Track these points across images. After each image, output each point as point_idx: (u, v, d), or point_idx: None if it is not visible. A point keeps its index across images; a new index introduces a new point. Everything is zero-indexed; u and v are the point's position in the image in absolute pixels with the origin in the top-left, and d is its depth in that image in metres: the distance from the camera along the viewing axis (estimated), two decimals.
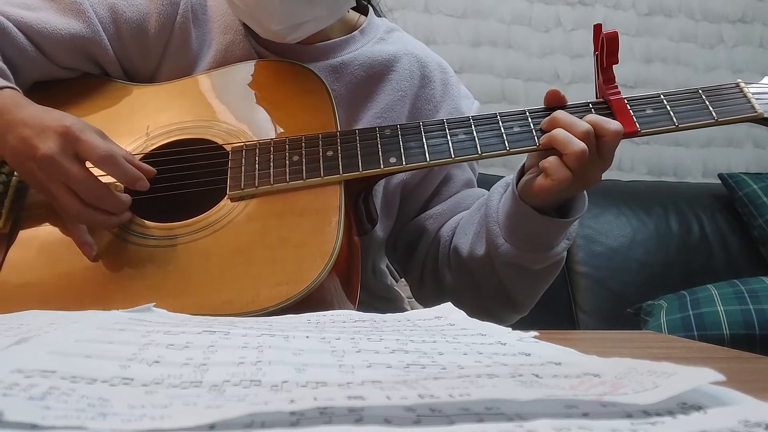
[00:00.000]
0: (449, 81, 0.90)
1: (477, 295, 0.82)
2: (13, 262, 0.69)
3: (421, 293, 0.92)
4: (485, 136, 0.72)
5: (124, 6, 0.81)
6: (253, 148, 0.73)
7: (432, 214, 0.88)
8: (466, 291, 0.83)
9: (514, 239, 0.74)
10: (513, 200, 0.74)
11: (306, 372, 0.30)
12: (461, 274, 0.82)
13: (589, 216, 1.95)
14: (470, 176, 0.91)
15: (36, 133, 0.66)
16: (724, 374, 0.25)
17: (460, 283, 0.83)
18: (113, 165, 0.66)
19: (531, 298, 0.83)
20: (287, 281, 0.63)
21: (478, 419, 0.23)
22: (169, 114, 0.78)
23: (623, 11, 2.30)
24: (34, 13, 0.78)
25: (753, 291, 1.67)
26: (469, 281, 0.82)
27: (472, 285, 0.82)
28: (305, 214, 0.68)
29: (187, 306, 0.60)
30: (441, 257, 0.85)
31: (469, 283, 0.82)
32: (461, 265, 0.81)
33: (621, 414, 0.24)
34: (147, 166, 0.70)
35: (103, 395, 0.24)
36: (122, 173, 0.67)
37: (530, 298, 0.83)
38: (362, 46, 0.87)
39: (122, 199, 0.68)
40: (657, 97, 0.73)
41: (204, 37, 0.84)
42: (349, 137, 0.73)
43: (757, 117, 0.71)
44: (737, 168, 2.31)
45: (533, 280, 0.79)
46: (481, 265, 0.79)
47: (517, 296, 0.81)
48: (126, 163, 0.67)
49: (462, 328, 0.45)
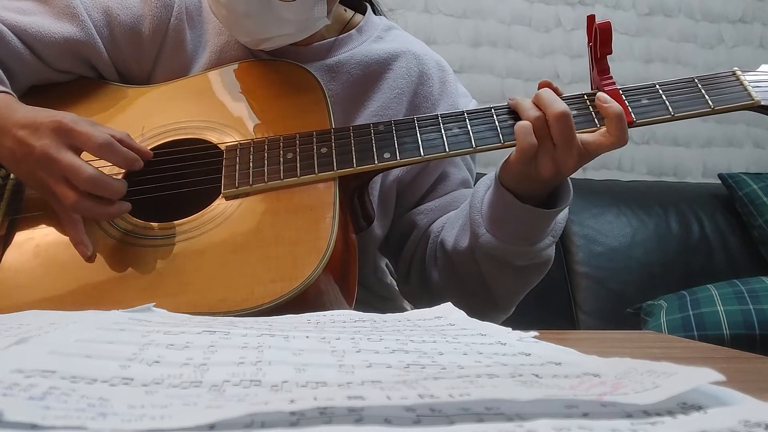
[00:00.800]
0: (447, 79, 0.90)
1: (460, 291, 0.81)
2: (10, 264, 0.69)
3: (406, 288, 0.91)
4: (480, 129, 0.72)
5: (118, 9, 0.81)
6: (248, 146, 0.73)
7: (423, 209, 0.88)
8: (449, 287, 0.82)
9: (495, 229, 0.74)
10: (495, 188, 0.73)
11: (306, 372, 0.30)
12: (446, 269, 0.82)
13: (589, 216, 1.95)
14: (466, 176, 0.91)
15: (30, 132, 0.67)
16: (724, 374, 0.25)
17: (444, 278, 0.82)
18: (111, 152, 0.67)
19: (513, 296, 0.82)
20: (282, 278, 0.63)
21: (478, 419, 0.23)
22: (164, 114, 0.78)
23: (623, 11, 2.30)
24: (28, 18, 0.79)
25: (753, 291, 1.66)
26: (452, 277, 0.81)
27: (455, 280, 0.81)
28: (300, 211, 0.68)
29: (182, 305, 0.60)
30: (428, 253, 0.85)
31: (453, 279, 0.81)
32: (446, 258, 0.81)
33: (621, 414, 0.24)
34: (144, 147, 0.71)
35: (103, 395, 0.24)
36: (120, 157, 0.68)
37: (512, 296, 0.82)
38: (359, 45, 0.87)
39: (119, 185, 0.68)
40: (652, 87, 0.72)
41: (199, 39, 0.84)
42: (343, 134, 0.73)
43: (753, 105, 0.71)
44: (737, 168, 2.31)
45: (515, 277, 0.78)
46: (464, 258, 0.78)
47: (499, 294, 0.80)
48: (121, 147, 0.68)
49: (462, 328, 0.45)
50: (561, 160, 0.68)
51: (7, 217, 0.72)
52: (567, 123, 0.67)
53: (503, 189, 0.72)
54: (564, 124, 0.67)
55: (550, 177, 0.69)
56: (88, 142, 0.67)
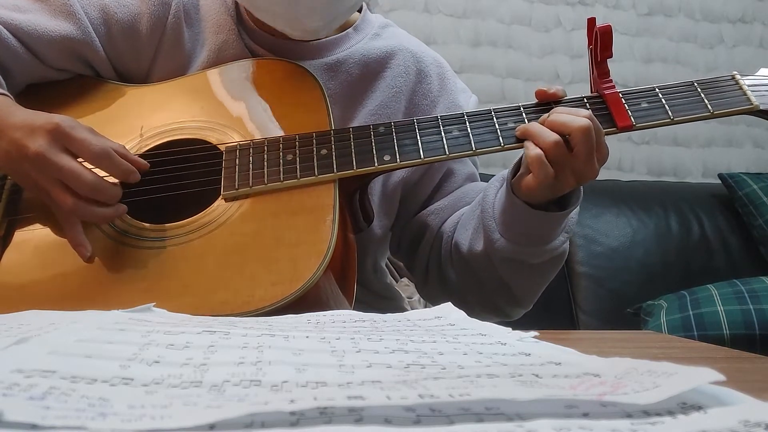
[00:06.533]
0: (446, 75, 0.90)
1: (480, 290, 0.82)
2: (9, 265, 0.69)
3: (426, 290, 0.92)
4: (479, 132, 0.72)
5: (115, 7, 0.81)
6: (247, 147, 0.73)
7: (434, 209, 0.87)
8: (469, 287, 0.83)
9: (510, 234, 0.74)
10: (507, 195, 0.73)
11: (306, 372, 0.30)
12: (463, 270, 0.82)
13: (589, 216, 1.95)
14: (472, 170, 0.90)
15: (26, 134, 0.66)
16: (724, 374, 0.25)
17: (462, 279, 0.83)
18: (108, 162, 0.67)
19: (533, 292, 0.82)
20: (282, 281, 0.63)
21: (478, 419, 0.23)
22: (162, 114, 0.78)
23: (623, 11, 2.29)
24: (24, 15, 0.78)
25: (753, 291, 1.67)
26: (471, 277, 0.82)
27: (474, 281, 0.82)
28: (300, 213, 0.68)
29: (183, 307, 0.60)
30: (444, 253, 0.85)
31: (472, 279, 0.82)
32: (462, 261, 0.81)
33: (621, 414, 0.24)
34: (140, 160, 0.71)
35: (103, 395, 0.24)
36: (117, 168, 0.68)
37: (532, 292, 0.82)
38: (357, 43, 0.87)
39: (116, 189, 0.68)
40: (652, 91, 0.73)
41: (197, 38, 0.84)
42: (343, 135, 0.73)
43: (752, 109, 0.71)
44: (737, 168, 2.31)
45: (533, 274, 0.79)
46: (481, 261, 0.78)
47: (519, 291, 0.80)
48: (119, 159, 0.68)
49: (462, 328, 0.45)
50: (584, 173, 0.68)
51: (6, 218, 0.72)
52: (591, 135, 0.67)
53: (515, 197, 0.72)
54: (590, 137, 0.67)
55: (571, 188, 0.71)
56: (86, 149, 0.66)
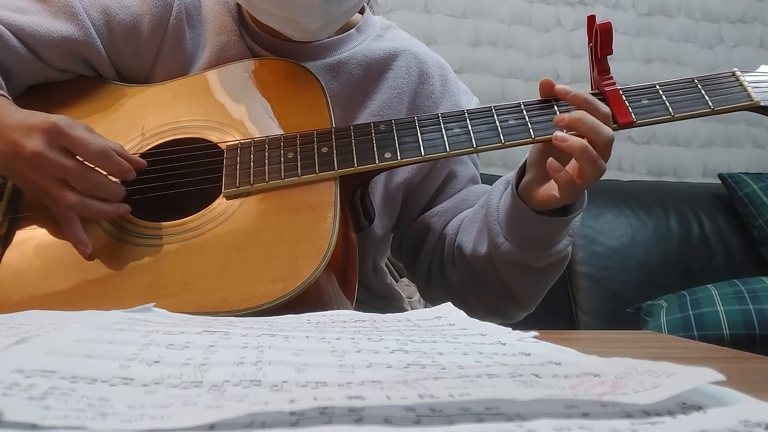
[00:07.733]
0: (448, 77, 0.90)
1: (482, 293, 0.82)
2: (10, 263, 0.69)
3: (428, 291, 0.91)
4: (480, 129, 0.72)
5: (117, 8, 0.81)
6: (248, 146, 0.73)
7: (437, 212, 0.87)
8: (471, 289, 0.83)
9: (515, 238, 0.74)
10: (512, 200, 0.74)
11: (306, 372, 0.30)
12: (466, 272, 0.82)
13: (589, 216, 1.95)
14: (474, 172, 0.90)
15: (22, 134, 0.67)
16: (724, 374, 0.25)
17: (465, 281, 0.83)
18: (107, 160, 0.67)
19: (536, 295, 0.82)
20: (283, 278, 0.63)
21: (478, 419, 0.23)
22: (164, 114, 0.78)
23: (623, 11, 2.29)
24: (26, 17, 0.78)
25: (753, 291, 1.67)
26: (473, 279, 0.82)
27: (476, 283, 0.82)
28: (301, 210, 0.68)
29: (184, 304, 0.60)
30: (446, 255, 0.85)
31: (474, 282, 0.82)
32: (465, 263, 0.81)
33: (621, 414, 0.24)
34: (138, 159, 0.71)
35: (103, 395, 0.24)
36: (116, 167, 0.68)
37: (535, 295, 0.82)
38: (359, 44, 0.87)
39: (119, 187, 0.69)
40: (652, 87, 0.73)
41: (198, 39, 0.84)
42: (343, 133, 0.73)
43: (753, 105, 0.71)
44: (737, 168, 2.31)
45: (537, 277, 0.79)
46: (484, 264, 0.79)
47: (522, 294, 0.81)
48: (118, 157, 0.68)
49: (462, 328, 0.45)
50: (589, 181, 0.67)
51: (7, 217, 0.72)
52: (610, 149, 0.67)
53: (520, 201, 0.73)
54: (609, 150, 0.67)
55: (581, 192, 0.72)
56: (84, 148, 0.67)
